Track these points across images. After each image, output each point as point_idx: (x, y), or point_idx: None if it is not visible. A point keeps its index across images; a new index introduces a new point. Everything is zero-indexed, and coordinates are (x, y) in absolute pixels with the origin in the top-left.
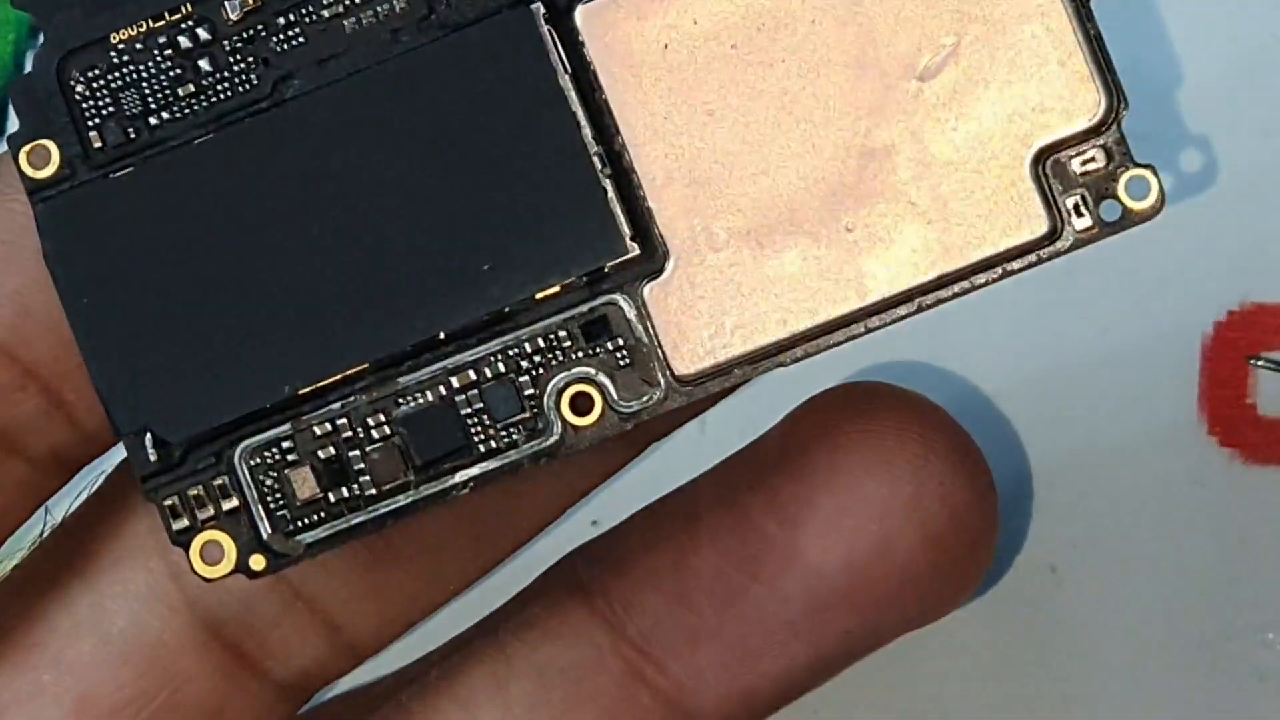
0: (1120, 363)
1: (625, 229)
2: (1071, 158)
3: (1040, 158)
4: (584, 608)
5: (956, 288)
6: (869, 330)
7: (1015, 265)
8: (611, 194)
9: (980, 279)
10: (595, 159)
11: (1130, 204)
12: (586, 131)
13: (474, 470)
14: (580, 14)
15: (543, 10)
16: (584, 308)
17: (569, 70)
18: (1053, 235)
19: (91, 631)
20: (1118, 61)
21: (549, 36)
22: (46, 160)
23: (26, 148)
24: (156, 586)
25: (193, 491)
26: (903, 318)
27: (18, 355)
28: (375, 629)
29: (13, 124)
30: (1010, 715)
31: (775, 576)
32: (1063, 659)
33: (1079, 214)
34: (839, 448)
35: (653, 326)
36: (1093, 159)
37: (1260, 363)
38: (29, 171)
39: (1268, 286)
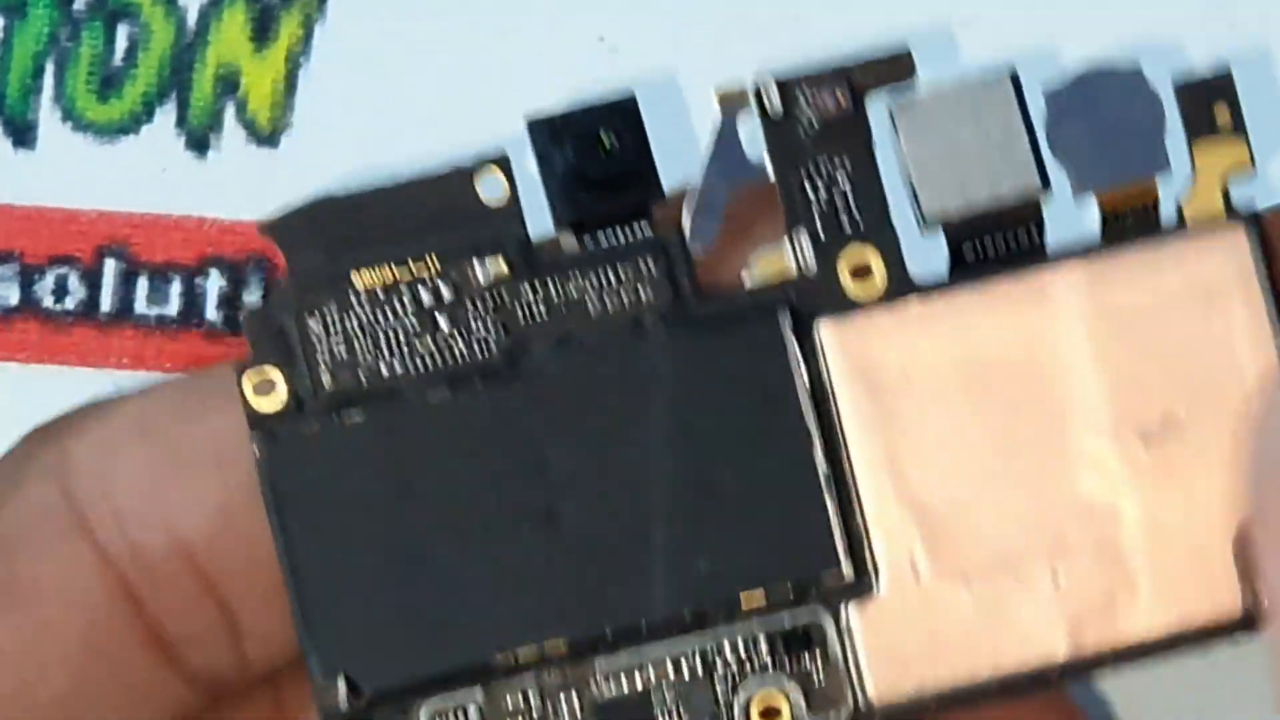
0: None
1: (841, 549)
2: None
3: (1240, 537)
4: None
5: (1148, 657)
6: (1061, 682)
7: (1205, 642)
8: (833, 512)
9: (1173, 652)
10: (822, 476)
11: None
12: (818, 447)
13: None
14: (825, 328)
15: (790, 321)
16: (787, 618)
17: (808, 384)
18: (1244, 615)
19: None
20: None
21: (793, 348)
22: (271, 392)
23: (254, 377)
24: None
25: None
26: (1097, 671)
27: (206, 569)
28: None
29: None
30: None
31: None
32: None
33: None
34: None
35: (853, 648)
36: None
37: None
38: (253, 401)
39: None
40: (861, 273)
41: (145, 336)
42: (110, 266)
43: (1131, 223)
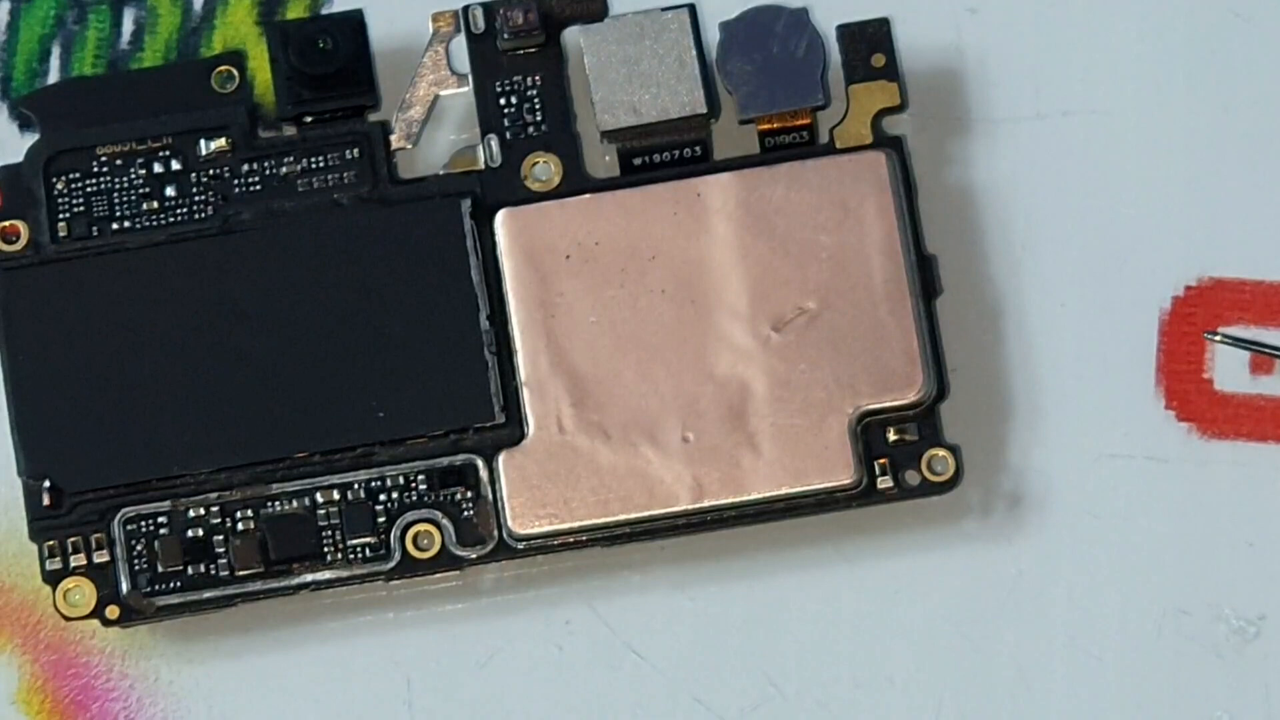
0: (1079, 337)
1: (497, 401)
2: (887, 426)
3: (862, 419)
4: None
5: (764, 515)
6: (684, 533)
7: (815, 507)
8: (493, 369)
9: (788, 514)
10: (485, 337)
11: (930, 477)
12: (484, 314)
13: (318, 575)
14: (501, 215)
15: (470, 206)
16: (444, 460)
17: (481, 260)
18: (856, 487)
19: None
20: None
21: (471, 228)
22: (17, 238)
23: (2, 224)
24: None
25: (71, 539)
26: (713, 528)
27: None
28: None
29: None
30: (967, 685)
31: None
32: (1018, 631)
33: (883, 475)
34: None
35: (500, 488)
36: (905, 431)
37: (1217, 338)
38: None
39: (1225, 262)
40: (540, 170)
41: None
42: None
43: (787, 143)
